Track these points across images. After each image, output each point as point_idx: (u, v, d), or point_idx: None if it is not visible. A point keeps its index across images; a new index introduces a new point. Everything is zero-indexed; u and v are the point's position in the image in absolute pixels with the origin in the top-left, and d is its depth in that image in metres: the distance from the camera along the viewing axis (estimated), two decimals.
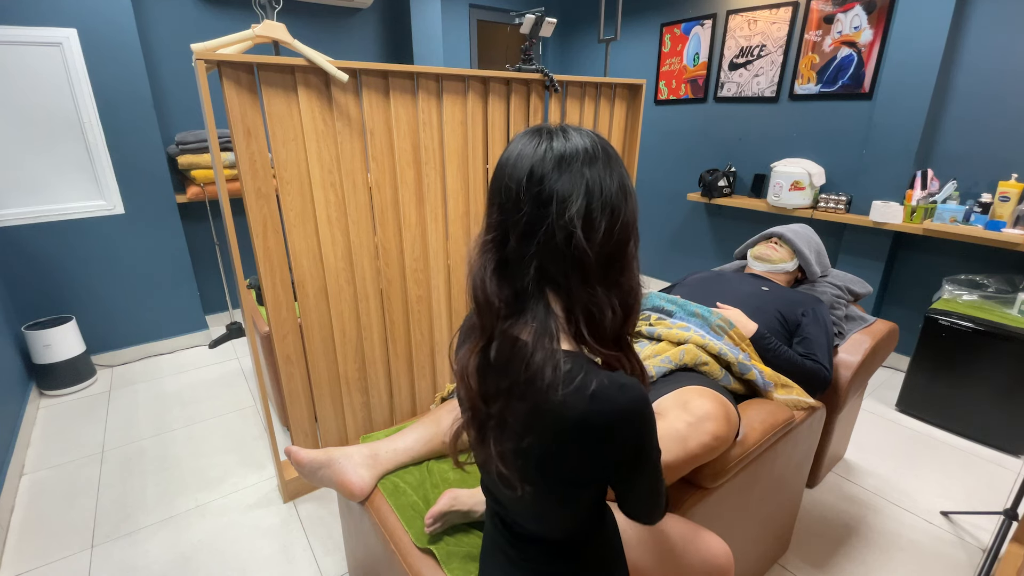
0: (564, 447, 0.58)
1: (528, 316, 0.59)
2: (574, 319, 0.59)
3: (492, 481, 0.70)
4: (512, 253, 0.59)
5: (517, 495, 0.63)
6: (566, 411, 0.56)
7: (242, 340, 2.98)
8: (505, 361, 0.60)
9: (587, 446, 0.58)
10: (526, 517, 0.71)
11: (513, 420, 0.60)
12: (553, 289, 0.59)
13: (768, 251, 1.69)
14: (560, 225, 0.55)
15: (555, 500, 0.65)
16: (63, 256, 2.45)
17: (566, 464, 0.60)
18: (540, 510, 0.67)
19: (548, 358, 0.56)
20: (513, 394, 0.59)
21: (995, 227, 2.11)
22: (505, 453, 0.61)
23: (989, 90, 2.21)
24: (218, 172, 1.43)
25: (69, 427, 2.17)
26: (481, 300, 0.60)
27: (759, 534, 1.35)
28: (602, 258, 0.58)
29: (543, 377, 0.55)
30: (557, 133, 0.59)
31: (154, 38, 2.60)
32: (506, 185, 0.58)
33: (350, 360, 1.74)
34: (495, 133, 1.81)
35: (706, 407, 0.99)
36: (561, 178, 0.56)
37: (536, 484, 0.62)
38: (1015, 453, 2.02)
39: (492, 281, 0.59)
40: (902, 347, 2.64)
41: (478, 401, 0.63)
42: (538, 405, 0.57)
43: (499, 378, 0.60)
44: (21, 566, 1.51)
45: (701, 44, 3.21)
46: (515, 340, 0.59)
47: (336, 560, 1.53)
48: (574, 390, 0.56)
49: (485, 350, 0.62)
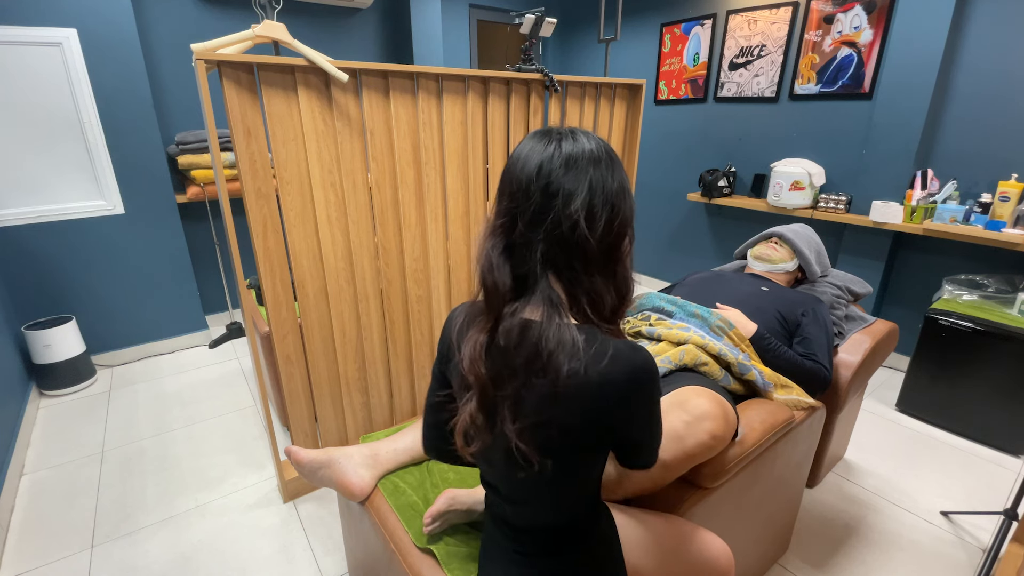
0: (591, 410, 0.62)
1: (536, 297, 0.63)
2: (576, 301, 0.64)
3: (502, 466, 0.71)
4: (519, 238, 0.64)
5: (534, 472, 0.65)
6: (590, 375, 0.61)
7: (242, 340, 2.98)
8: (516, 342, 0.63)
9: (611, 405, 0.63)
10: (535, 499, 0.72)
11: (532, 396, 0.63)
12: (555, 273, 0.64)
13: (768, 251, 1.69)
14: (566, 215, 0.61)
15: (571, 471, 0.68)
16: (63, 256, 2.45)
17: (591, 427, 0.64)
18: (554, 486, 0.69)
19: (563, 333, 0.61)
20: (532, 371, 0.62)
21: (995, 227, 2.11)
22: (524, 430, 0.64)
23: (989, 90, 2.21)
24: (218, 172, 1.43)
25: (69, 427, 2.17)
26: (489, 282, 0.64)
27: (759, 534, 1.35)
28: (602, 248, 0.63)
29: (563, 349, 0.60)
30: (566, 135, 0.64)
31: (154, 38, 2.60)
32: (516, 178, 0.64)
33: (350, 360, 1.74)
34: (495, 133, 1.81)
35: (704, 406, 0.99)
36: (568, 175, 0.61)
37: (556, 456, 0.65)
38: (1015, 453, 2.02)
39: (500, 262, 0.64)
40: (902, 347, 2.64)
41: (487, 384, 0.65)
42: (561, 377, 0.61)
43: (510, 358, 0.64)
44: (21, 566, 1.51)
45: (701, 44, 3.21)
46: (524, 321, 0.64)
47: (336, 560, 1.53)
48: (594, 355, 0.61)
49: (492, 333, 0.65)
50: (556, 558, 0.74)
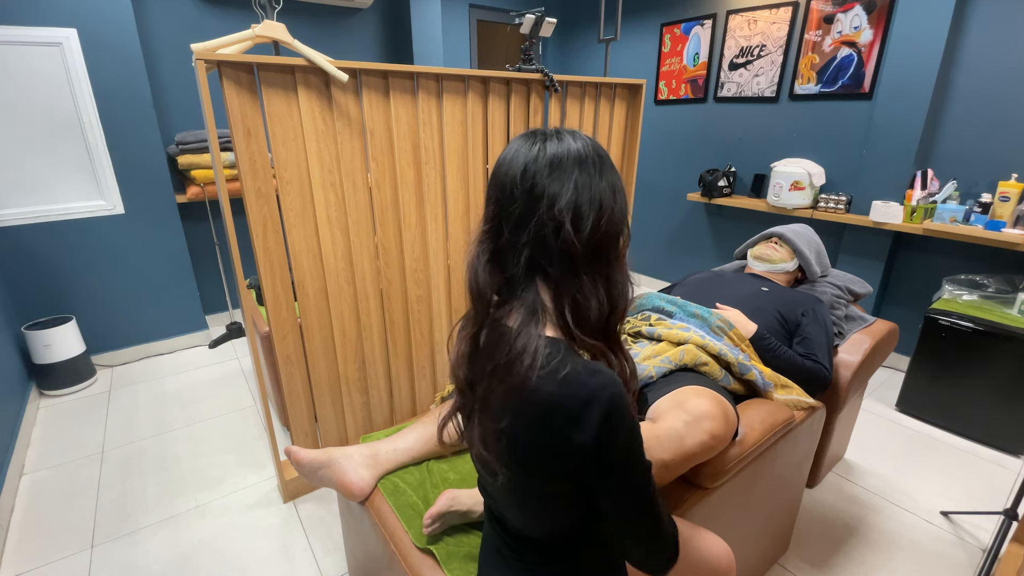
0: (534, 430, 0.59)
1: (518, 304, 0.62)
2: (560, 309, 0.62)
3: (479, 469, 0.72)
4: (505, 243, 0.62)
5: (498, 482, 0.65)
6: (538, 393, 0.58)
7: (242, 340, 2.98)
8: (492, 346, 0.63)
9: (555, 430, 0.58)
10: (510, 510, 0.72)
11: (494, 401, 0.62)
12: (542, 278, 0.62)
13: (768, 251, 1.69)
14: (550, 216, 0.59)
15: (532, 492, 0.66)
16: (63, 256, 2.45)
17: (537, 449, 0.60)
18: (519, 501, 0.68)
19: (529, 341, 0.59)
20: (495, 376, 0.61)
21: (995, 227, 2.11)
22: (487, 435, 0.64)
23: (989, 90, 2.21)
24: (218, 172, 1.43)
25: (69, 427, 2.17)
26: (474, 288, 0.64)
27: (759, 534, 1.35)
28: (589, 249, 0.60)
29: (522, 360, 0.58)
30: (551, 136, 0.62)
31: (154, 38, 2.60)
32: (501, 182, 0.62)
33: (350, 360, 1.74)
34: (495, 133, 1.81)
35: (704, 406, 0.99)
36: (552, 176, 0.60)
37: (512, 470, 0.64)
38: (1015, 453, 2.02)
39: (485, 269, 0.63)
40: (902, 347, 2.64)
41: (465, 385, 0.66)
42: (514, 387, 0.59)
43: (485, 361, 0.64)
44: (21, 566, 1.51)
45: (701, 44, 3.21)
46: (503, 326, 0.63)
47: (336, 560, 1.53)
48: (548, 373, 0.57)
49: (475, 337, 0.65)
50: (553, 565, 0.73)
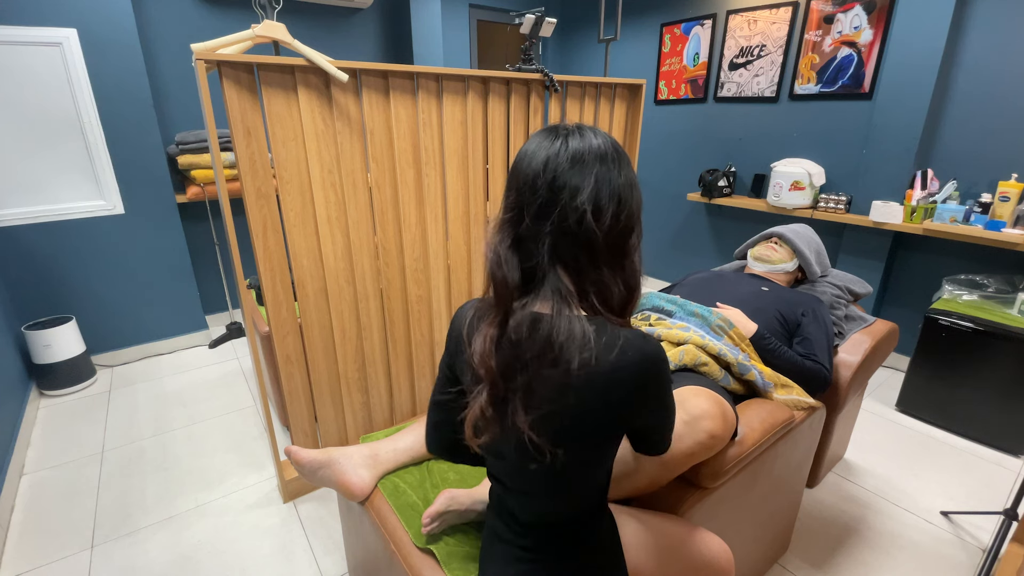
0: (604, 399, 0.63)
1: (545, 290, 0.64)
2: (585, 293, 0.65)
3: (513, 458, 0.70)
4: (526, 232, 0.64)
5: (546, 463, 0.66)
6: (602, 365, 0.62)
7: (242, 340, 2.98)
8: (526, 335, 0.64)
9: (624, 393, 0.64)
10: (544, 491, 0.72)
11: (543, 387, 0.64)
12: (563, 266, 0.64)
13: (768, 251, 1.69)
14: (572, 208, 0.61)
15: (584, 461, 0.69)
16: (63, 256, 2.45)
17: (605, 415, 0.65)
18: (564, 477, 0.70)
19: (573, 324, 0.62)
20: (543, 362, 0.63)
21: (995, 227, 2.11)
22: (536, 421, 0.64)
23: (989, 90, 2.21)
24: (218, 172, 1.43)
25: (69, 427, 2.17)
26: (498, 276, 0.65)
27: (759, 534, 1.35)
28: (609, 241, 0.63)
29: (574, 341, 0.61)
30: (573, 132, 0.64)
31: (154, 38, 2.60)
32: (523, 173, 0.64)
33: (350, 360, 1.74)
34: (495, 133, 1.81)
35: (702, 406, 0.99)
36: (574, 170, 0.62)
37: (569, 446, 0.66)
38: (1015, 453, 2.02)
39: (508, 256, 0.65)
40: (902, 347, 2.64)
41: (497, 378, 0.65)
42: (572, 367, 0.61)
43: (520, 351, 0.64)
44: (21, 566, 1.51)
45: (701, 44, 3.21)
46: (534, 315, 0.64)
47: (336, 560, 1.53)
48: (605, 346, 0.62)
49: (502, 327, 0.65)
50: (560, 558, 0.74)
